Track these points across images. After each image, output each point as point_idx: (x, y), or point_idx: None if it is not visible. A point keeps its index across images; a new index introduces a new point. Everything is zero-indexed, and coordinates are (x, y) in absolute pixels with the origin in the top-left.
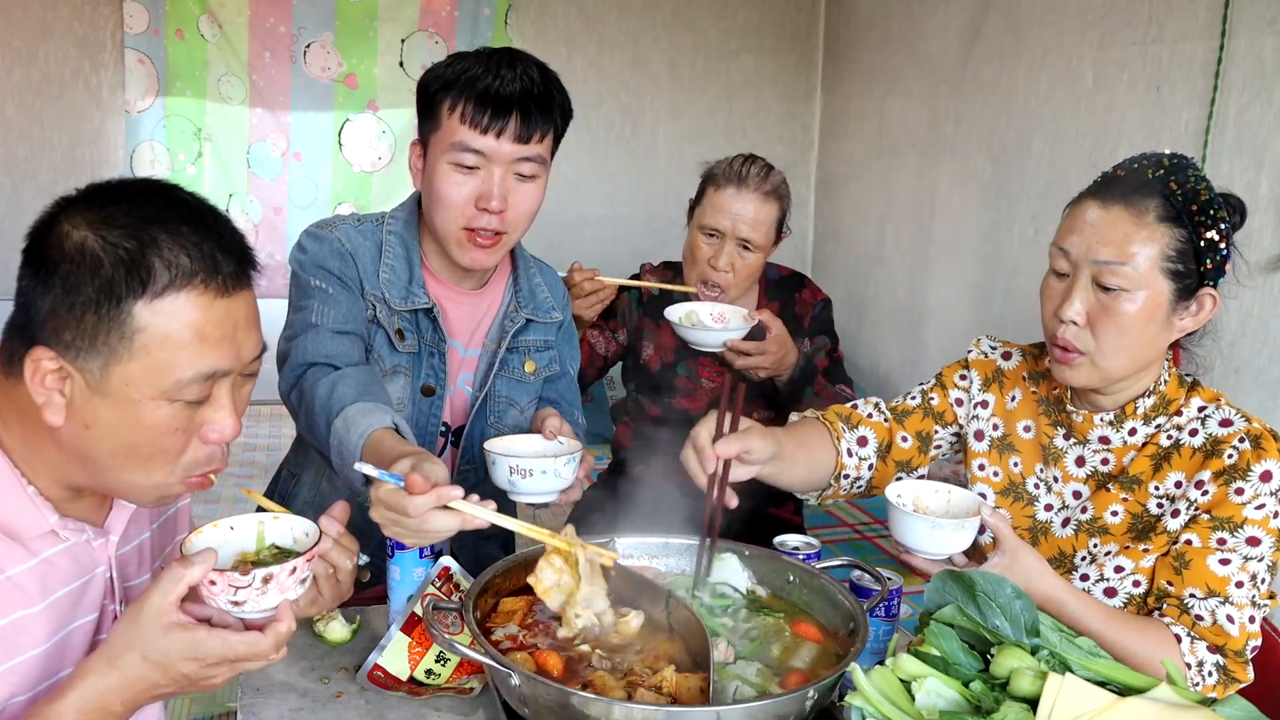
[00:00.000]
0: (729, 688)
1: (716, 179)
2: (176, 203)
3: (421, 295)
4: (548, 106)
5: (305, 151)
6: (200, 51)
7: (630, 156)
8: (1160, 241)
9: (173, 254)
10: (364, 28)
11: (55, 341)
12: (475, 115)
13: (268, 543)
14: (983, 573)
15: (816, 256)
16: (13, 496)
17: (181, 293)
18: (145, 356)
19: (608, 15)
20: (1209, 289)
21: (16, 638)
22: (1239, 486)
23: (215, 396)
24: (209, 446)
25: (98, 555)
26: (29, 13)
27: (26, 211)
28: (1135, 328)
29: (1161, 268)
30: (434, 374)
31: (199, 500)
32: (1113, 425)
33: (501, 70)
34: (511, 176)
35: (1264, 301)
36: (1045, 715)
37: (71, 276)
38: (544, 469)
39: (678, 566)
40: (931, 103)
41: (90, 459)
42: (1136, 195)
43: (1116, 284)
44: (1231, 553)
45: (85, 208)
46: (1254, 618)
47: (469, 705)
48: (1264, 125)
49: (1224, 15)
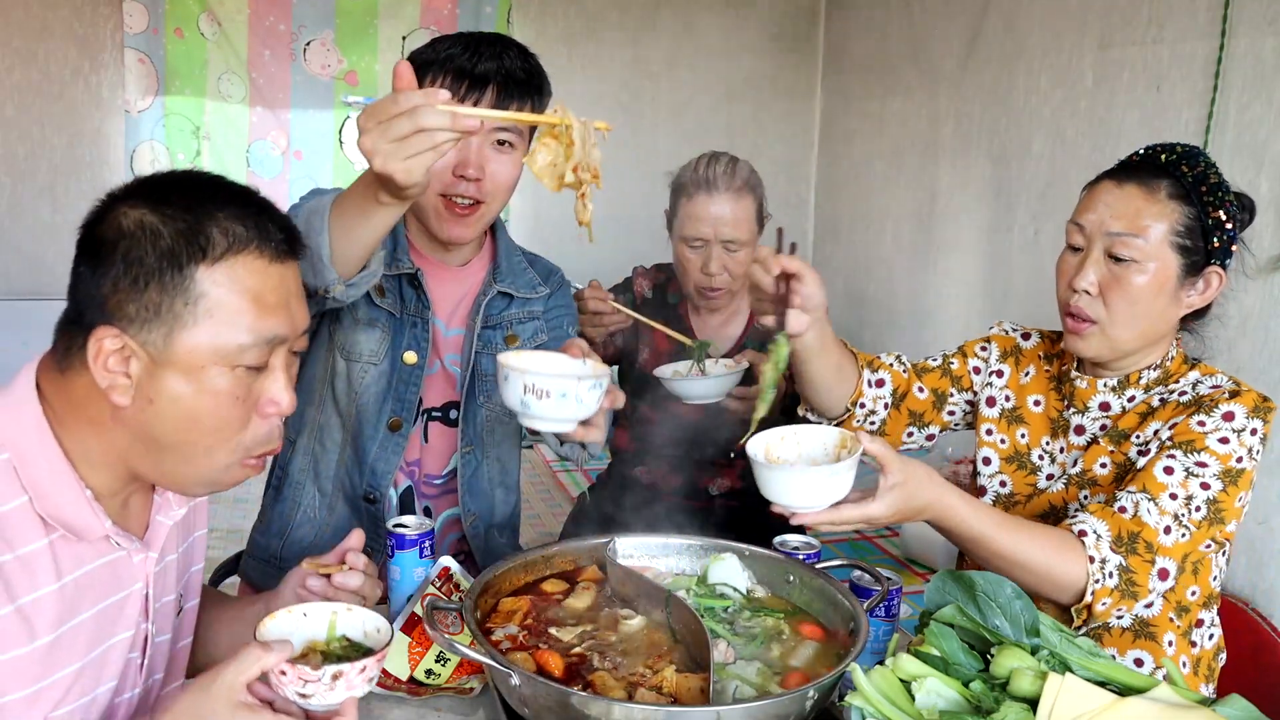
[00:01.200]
0: (729, 688)
1: (686, 188)
2: (224, 185)
3: (406, 261)
4: (525, 81)
5: (306, 149)
6: (200, 50)
7: (630, 156)
8: (1170, 217)
9: (229, 223)
10: (364, 25)
11: (118, 317)
12: (453, 87)
13: (339, 633)
14: (983, 573)
15: (816, 256)
16: (73, 499)
17: (239, 257)
18: (209, 321)
19: (608, 15)
20: (1215, 267)
21: (71, 643)
22: (1200, 419)
23: (271, 367)
24: (267, 422)
25: (136, 571)
26: (29, 13)
27: (26, 211)
28: (1145, 298)
29: (1171, 242)
30: (416, 344)
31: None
32: (1115, 391)
33: (481, 48)
34: (488, 146)
35: (1264, 301)
36: (1045, 715)
37: (133, 250)
38: (564, 391)
39: (678, 567)
40: (931, 103)
41: (154, 439)
42: (1150, 175)
43: (1128, 254)
44: (1175, 464)
45: (138, 195)
46: (1170, 529)
47: (469, 705)
48: (1264, 125)
49: (1224, 15)
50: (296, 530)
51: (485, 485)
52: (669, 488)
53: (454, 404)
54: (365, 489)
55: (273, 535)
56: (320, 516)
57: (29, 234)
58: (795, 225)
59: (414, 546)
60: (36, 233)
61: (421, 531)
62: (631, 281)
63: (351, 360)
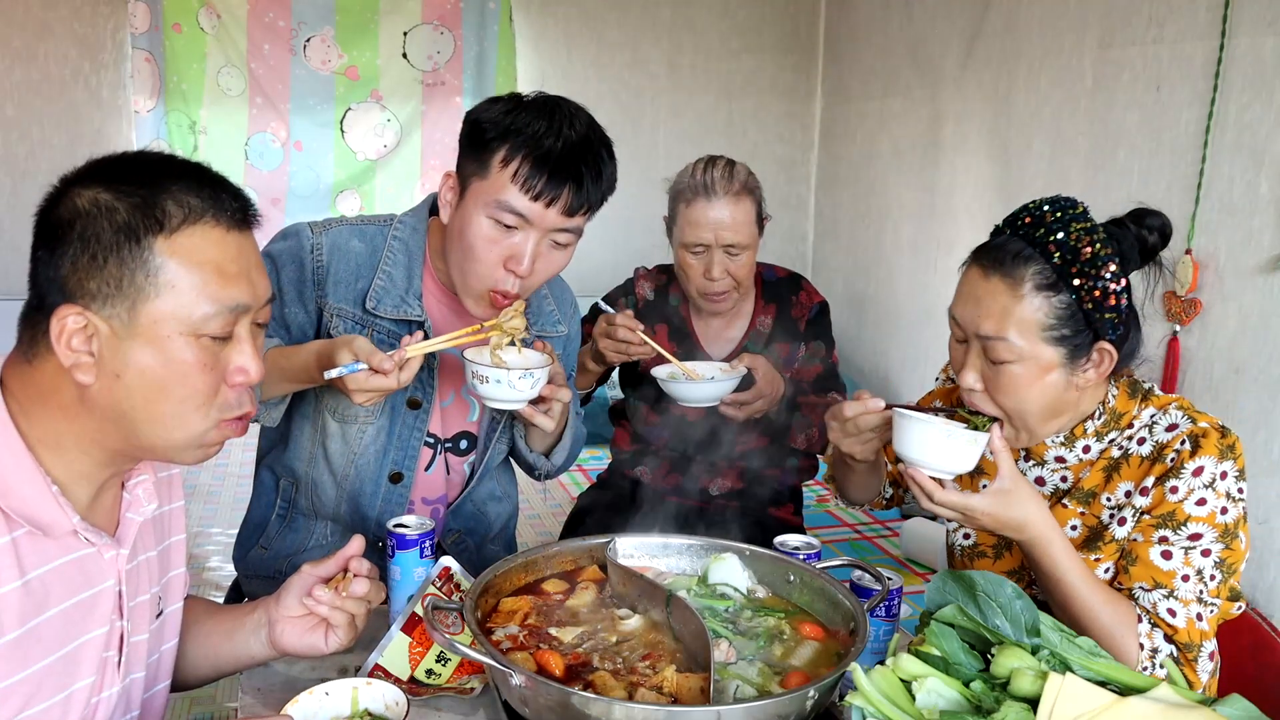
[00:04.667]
0: (729, 688)
1: (684, 194)
2: (176, 161)
3: (415, 307)
4: (600, 181)
5: (306, 141)
6: (199, 44)
7: (630, 156)
8: (1039, 312)
9: (184, 194)
10: (365, 21)
11: (80, 295)
12: (530, 179)
13: (361, 707)
14: (983, 573)
15: (816, 256)
16: (39, 494)
17: (196, 227)
18: (171, 292)
19: (608, 15)
20: (1104, 343)
21: (39, 639)
22: (1173, 485)
23: (237, 337)
24: (236, 390)
25: (107, 568)
26: (29, 13)
27: (26, 211)
28: (1032, 393)
29: (1044, 338)
30: (420, 387)
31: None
32: (1064, 445)
33: (564, 131)
34: (546, 242)
35: (1264, 301)
36: (1045, 715)
37: (89, 228)
38: (498, 378)
39: (678, 566)
40: (931, 103)
41: (123, 414)
42: (1014, 263)
43: (1001, 357)
44: (1172, 547)
45: (90, 176)
46: (1201, 615)
47: (469, 705)
48: (1264, 125)
49: (1224, 15)
50: (310, 554)
51: (482, 506)
52: (669, 488)
53: (465, 434)
54: (372, 535)
55: (281, 556)
56: (332, 541)
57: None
58: (795, 225)
59: (414, 546)
60: None
61: (422, 531)
62: (633, 284)
63: (346, 422)
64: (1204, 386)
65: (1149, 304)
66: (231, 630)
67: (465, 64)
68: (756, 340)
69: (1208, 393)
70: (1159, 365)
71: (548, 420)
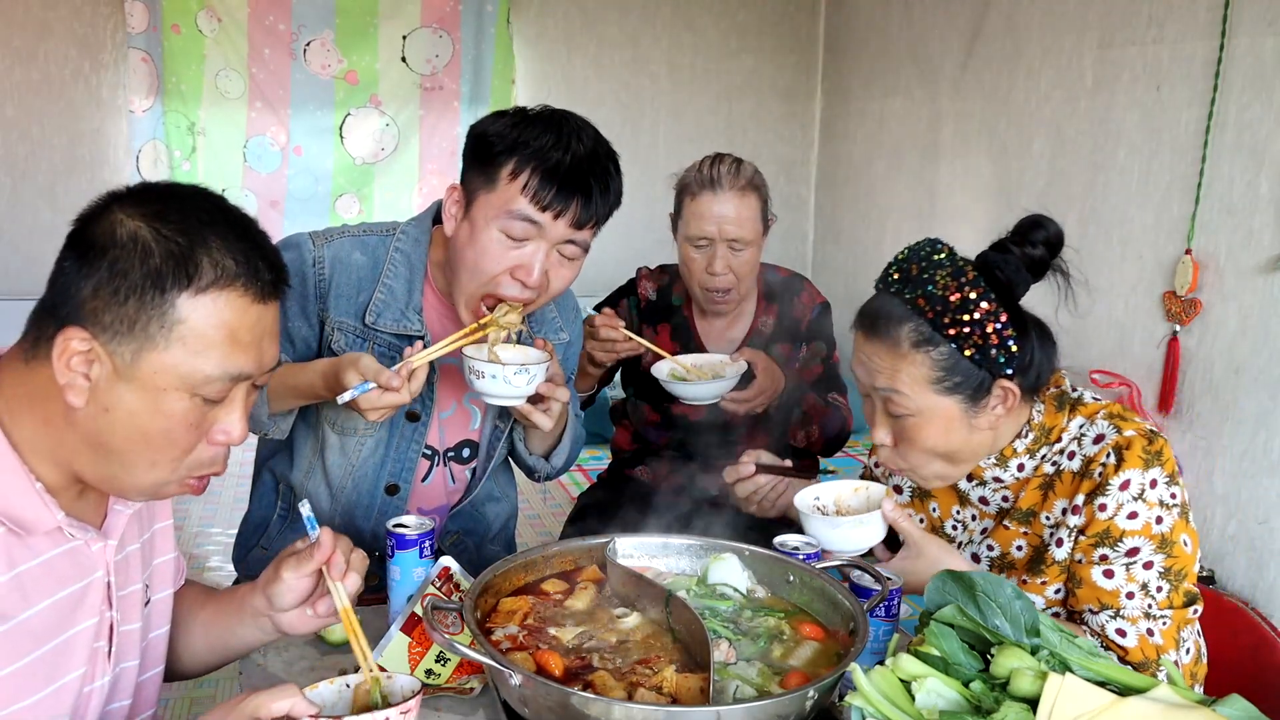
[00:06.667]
0: (729, 688)
1: (690, 188)
2: (224, 211)
3: (415, 321)
4: (607, 195)
5: (305, 144)
6: (198, 47)
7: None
8: (922, 368)
9: (220, 255)
10: (364, 25)
11: (92, 323)
12: (540, 190)
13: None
14: (983, 573)
15: (816, 256)
16: (21, 491)
17: (223, 292)
18: (180, 347)
19: (608, 15)
20: (1003, 380)
21: (28, 633)
22: (1101, 503)
23: (231, 399)
24: (214, 448)
25: (95, 560)
26: (29, 13)
27: (26, 211)
28: (937, 440)
29: (935, 390)
30: (419, 400)
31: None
32: (998, 465)
33: (572, 145)
34: (555, 254)
35: (1264, 301)
36: (1045, 715)
37: (120, 261)
38: (494, 374)
39: (678, 566)
40: (931, 103)
41: (101, 445)
42: (889, 325)
43: (900, 411)
44: (1113, 565)
45: (138, 202)
46: (1153, 630)
47: (469, 705)
48: (1264, 125)
49: (1224, 15)
50: None
51: (479, 508)
52: (669, 488)
53: (468, 442)
54: (368, 546)
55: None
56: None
57: (29, 234)
58: (795, 225)
59: (414, 546)
60: (36, 233)
61: (421, 532)
62: (635, 283)
63: (346, 435)
64: (1204, 386)
65: (1148, 303)
66: (236, 609)
67: (463, 67)
68: (758, 340)
69: (1208, 393)
70: (1159, 365)
71: (546, 419)
